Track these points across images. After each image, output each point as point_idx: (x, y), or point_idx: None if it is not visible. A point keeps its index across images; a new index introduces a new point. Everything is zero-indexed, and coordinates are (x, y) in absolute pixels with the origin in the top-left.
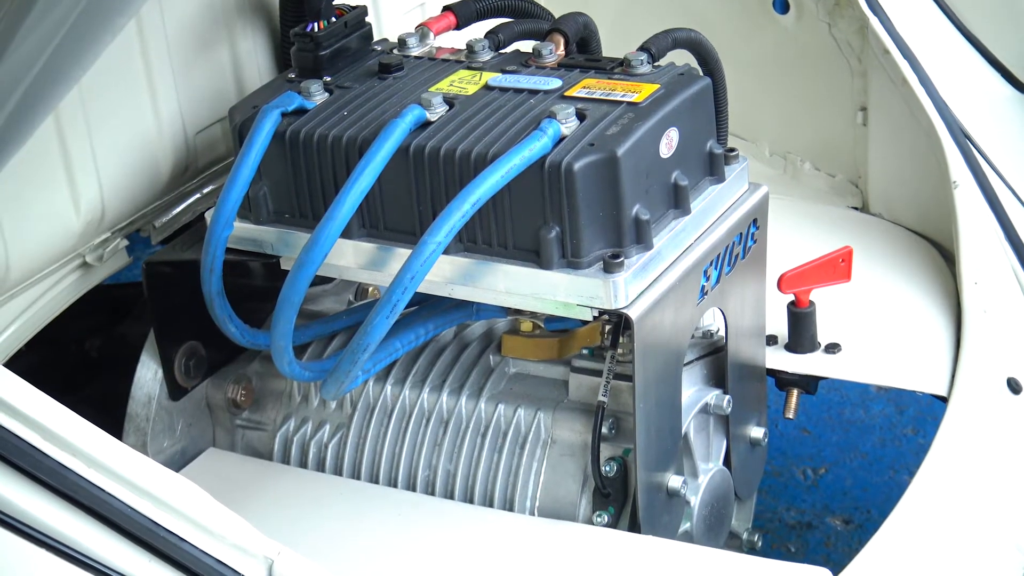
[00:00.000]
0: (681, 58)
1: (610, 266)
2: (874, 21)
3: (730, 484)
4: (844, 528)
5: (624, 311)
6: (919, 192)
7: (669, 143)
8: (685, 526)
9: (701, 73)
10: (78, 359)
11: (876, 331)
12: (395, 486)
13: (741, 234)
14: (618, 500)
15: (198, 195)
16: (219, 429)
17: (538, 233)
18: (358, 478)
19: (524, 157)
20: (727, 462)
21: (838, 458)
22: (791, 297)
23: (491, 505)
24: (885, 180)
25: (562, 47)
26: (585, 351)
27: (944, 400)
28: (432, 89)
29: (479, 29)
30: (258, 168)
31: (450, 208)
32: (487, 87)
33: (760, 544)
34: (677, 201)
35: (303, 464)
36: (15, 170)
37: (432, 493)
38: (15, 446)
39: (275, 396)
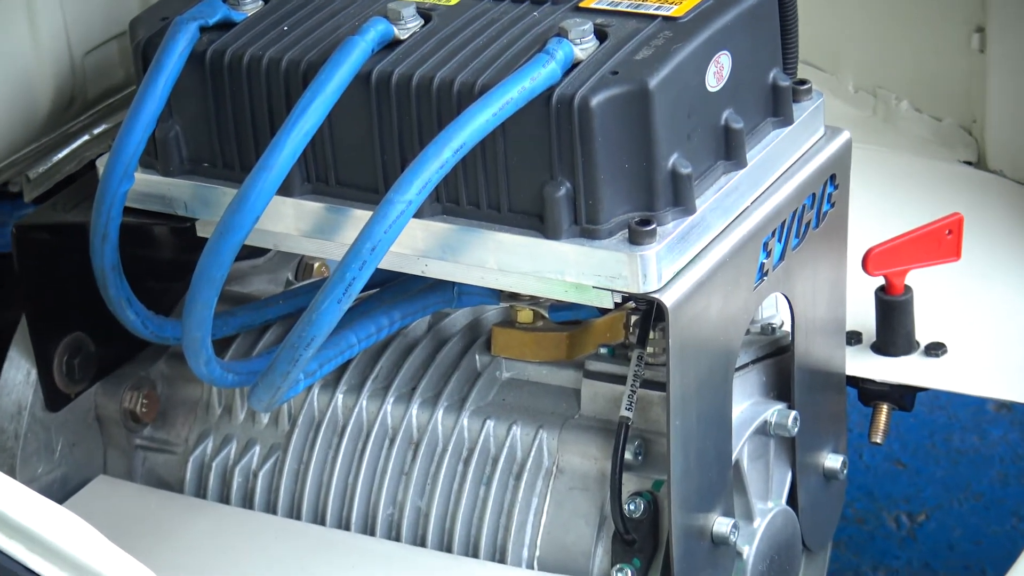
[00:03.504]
0: None
1: (638, 235)
2: None
3: (797, 530)
4: None
5: (656, 296)
6: None
7: (719, 72)
8: None
9: None
10: None
11: (993, 327)
12: (348, 529)
13: (814, 195)
14: (646, 549)
15: (87, 136)
16: (112, 450)
17: (542, 191)
18: (298, 518)
19: (524, 89)
20: (792, 501)
21: (943, 500)
22: (881, 281)
23: (476, 555)
24: (1009, 126)
25: None
26: (603, 350)
27: None
28: None
29: None
30: (168, 101)
31: (425, 156)
32: None
33: None
34: (728, 150)
35: (224, 498)
36: None
37: (398, 539)
38: None
39: (188, 407)
